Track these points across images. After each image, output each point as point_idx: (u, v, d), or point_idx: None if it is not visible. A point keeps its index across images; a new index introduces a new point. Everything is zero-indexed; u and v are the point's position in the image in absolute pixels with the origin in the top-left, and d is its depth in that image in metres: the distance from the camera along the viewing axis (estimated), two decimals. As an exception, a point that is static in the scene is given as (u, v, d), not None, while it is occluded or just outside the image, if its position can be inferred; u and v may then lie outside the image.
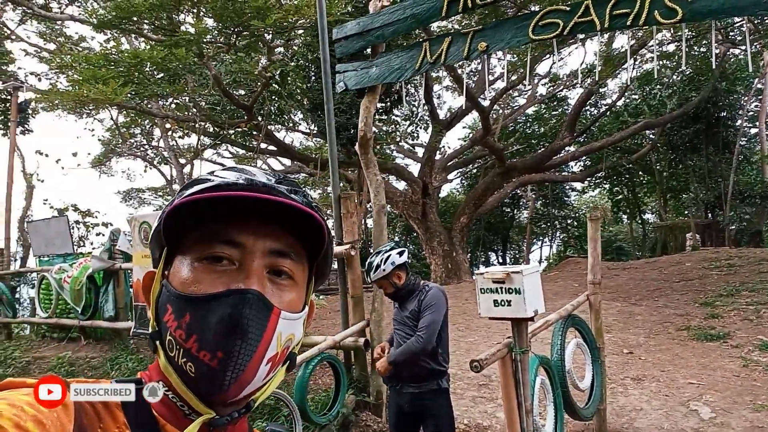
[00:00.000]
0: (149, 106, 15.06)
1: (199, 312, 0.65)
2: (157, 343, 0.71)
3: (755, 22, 11.12)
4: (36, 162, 26.70)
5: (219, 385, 0.65)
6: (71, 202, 15.44)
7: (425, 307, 3.27)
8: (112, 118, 18.05)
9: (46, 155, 20.93)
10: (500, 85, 19.19)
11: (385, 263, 3.30)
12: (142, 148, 21.66)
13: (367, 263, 3.41)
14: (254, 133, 15.87)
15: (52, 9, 14.03)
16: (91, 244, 15.12)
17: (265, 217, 0.70)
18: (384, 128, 16.54)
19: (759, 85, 20.55)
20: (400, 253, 3.36)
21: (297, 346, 0.76)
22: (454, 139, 66.76)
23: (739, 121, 20.70)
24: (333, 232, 3.57)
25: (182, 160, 20.68)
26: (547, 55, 16.47)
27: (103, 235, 15.54)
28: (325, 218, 0.74)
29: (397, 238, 28.94)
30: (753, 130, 22.34)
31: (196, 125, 15.48)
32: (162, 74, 11.45)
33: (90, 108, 14.61)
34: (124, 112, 16.64)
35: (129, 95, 10.76)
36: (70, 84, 11.69)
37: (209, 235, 0.70)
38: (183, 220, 0.70)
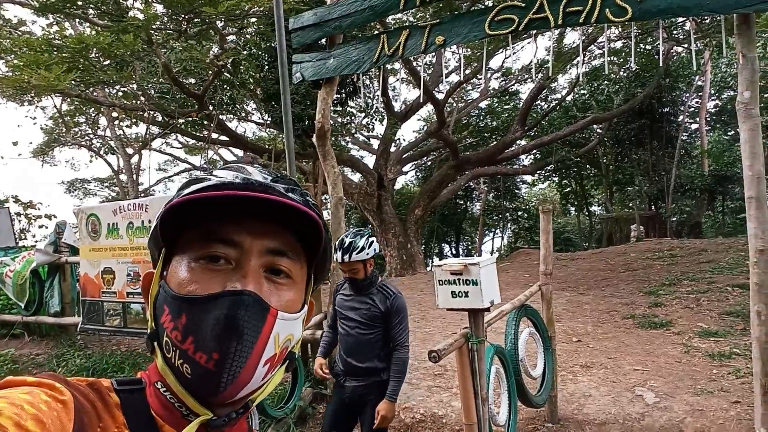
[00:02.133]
0: (95, 94, 14.52)
1: (195, 313, 0.65)
2: (155, 344, 0.71)
3: (698, 21, 11.58)
4: (-28, 151, 25.30)
5: (215, 387, 0.65)
6: (12, 194, 14.83)
7: (396, 313, 3.25)
8: (55, 106, 17.33)
9: (-17, 144, 19.92)
10: (455, 78, 19.39)
11: (369, 247, 3.23)
12: (87, 137, 20.87)
13: (346, 241, 3.23)
14: (205, 122, 15.53)
15: (-12, -10, 13.31)
16: (33, 236, 14.57)
17: (263, 216, 0.70)
18: (339, 120, 16.48)
19: (699, 83, 21.44)
20: (371, 244, 3.32)
21: (297, 345, 0.76)
22: (409, 132, 67.03)
23: (681, 117, 21.56)
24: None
25: (130, 150, 20.08)
26: (501, 50, 16.72)
27: (46, 227, 15.00)
28: (323, 215, 0.74)
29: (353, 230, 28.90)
30: (694, 126, 23.35)
31: (145, 114, 15.04)
32: (109, 61, 11.04)
33: (31, 95, 13.99)
34: (68, 99, 16.00)
35: (73, 82, 10.34)
36: (10, 69, 11.16)
37: (206, 234, 0.70)
38: (180, 219, 0.69)
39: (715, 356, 5.80)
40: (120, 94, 15.59)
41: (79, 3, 9.73)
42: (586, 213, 29.46)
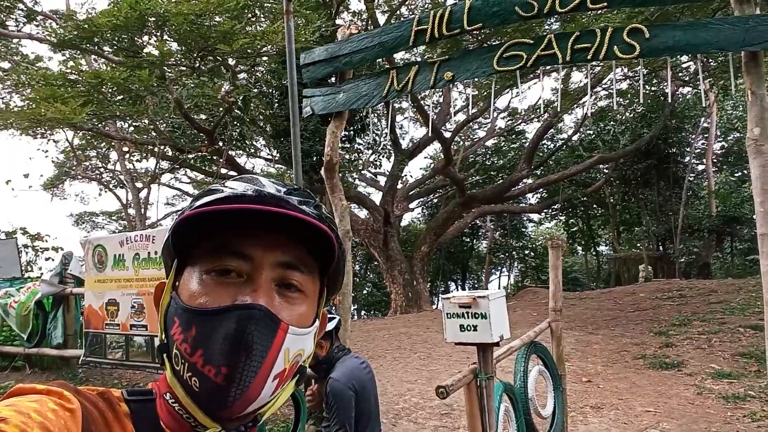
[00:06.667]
0: (107, 128, 14.73)
1: (205, 326, 0.65)
2: (164, 356, 0.70)
3: (705, 61, 11.71)
4: (-17, 183, 25.62)
5: (223, 401, 0.64)
6: (20, 225, 14.92)
7: (329, 408, 2.73)
8: (67, 140, 17.59)
9: (-5, 176, 20.21)
10: (462, 117, 19.61)
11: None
12: (97, 171, 21.12)
13: None
14: (215, 158, 15.68)
15: (8, 27, 13.66)
16: (40, 269, 14.59)
17: (275, 229, 0.69)
18: (347, 156, 16.61)
19: (705, 124, 21.57)
20: (330, 320, 2.97)
21: (307, 359, 0.75)
22: (416, 169, 67.14)
23: (688, 158, 21.61)
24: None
25: (139, 184, 20.25)
26: (507, 91, 16.93)
27: (53, 259, 15.03)
28: (337, 230, 0.74)
29: (357, 267, 28.81)
30: (700, 167, 23.37)
31: (155, 149, 15.21)
32: (122, 95, 11.24)
33: (45, 128, 14.21)
34: (80, 134, 16.24)
35: (87, 116, 10.50)
36: (26, 103, 11.37)
37: (217, 247, 0.69)
38: (192, 231, 0.69)
39: (730, 398, 5.65)
40: (131, 128, 15.81)
41: (96, 39, 9.95)
42: (594, 253, 29.28)
